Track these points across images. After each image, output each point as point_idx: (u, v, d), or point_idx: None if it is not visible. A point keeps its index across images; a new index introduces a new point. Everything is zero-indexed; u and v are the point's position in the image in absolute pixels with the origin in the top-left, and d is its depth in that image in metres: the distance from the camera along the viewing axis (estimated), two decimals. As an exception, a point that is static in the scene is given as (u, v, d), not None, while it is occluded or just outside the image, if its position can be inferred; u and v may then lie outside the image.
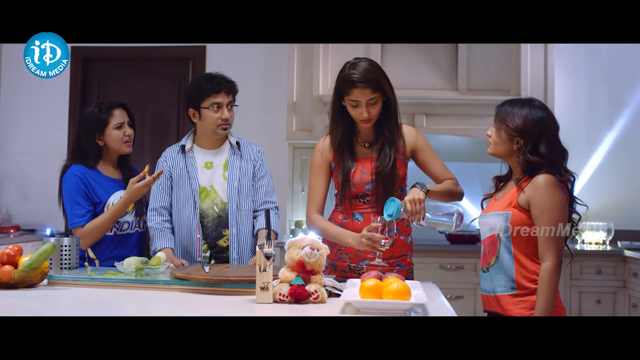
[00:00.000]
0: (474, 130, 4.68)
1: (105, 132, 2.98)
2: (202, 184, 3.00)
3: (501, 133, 2.44)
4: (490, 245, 2.44)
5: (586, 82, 5.04)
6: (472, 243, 4.61)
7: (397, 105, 2.68)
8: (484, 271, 2.48)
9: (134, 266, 2.44)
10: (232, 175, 3.01)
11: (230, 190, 2.99)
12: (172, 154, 3.06)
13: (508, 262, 2.39)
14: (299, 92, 4.81)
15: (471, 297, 4.38)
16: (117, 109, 3.02)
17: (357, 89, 2.54)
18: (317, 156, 2.75)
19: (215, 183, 3.01)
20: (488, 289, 2.45)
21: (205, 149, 3.05)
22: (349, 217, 2.69)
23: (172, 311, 2.06)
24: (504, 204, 2.42)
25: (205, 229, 2.98)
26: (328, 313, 1.94)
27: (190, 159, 3.02)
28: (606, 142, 4.93)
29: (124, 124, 3.00)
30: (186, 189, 2.98)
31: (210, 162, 3.03)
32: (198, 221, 2.95)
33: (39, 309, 2.05)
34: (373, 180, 2.64)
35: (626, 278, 4.31)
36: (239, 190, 3.00)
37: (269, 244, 2.05)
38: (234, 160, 3.03)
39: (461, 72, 4.74)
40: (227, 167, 3.02)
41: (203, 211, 2.98)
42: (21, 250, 2.40)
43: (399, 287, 1.92)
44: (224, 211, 2.99)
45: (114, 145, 3.00)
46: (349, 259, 2.68)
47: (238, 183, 3.00)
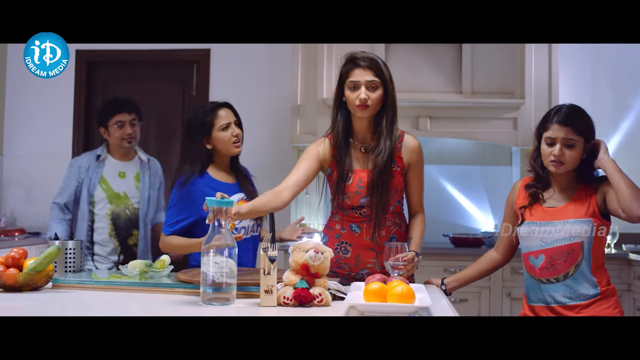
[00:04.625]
0: (478, 133, 4.68)
1: (212, 135, 2.85)
2: (116, 190, 3.65)
3: (579, 146, 2.44)
4: (569, 254, 2.42)
5: (591, 84, 5.04)
6: (476, 246, 4.61)
7: (396, 107, 2.61)
8: (550, 282, 2.46)
9: (138, 269, 2.44)
10: (143, 186, 3.69)
11: (142, 199, 3.68)
12: (87, 162, 3.66)
13: (589, 269, 2.42)
14: (302, 95, 4.82)
15: (475, 300, 4.38)
16: (222, 109, 2.89)
17: (358, 69, 2.53)
18: (312, 148, 2.68)
19: (128, 191, 3.68)
20: (565, 298, 2.44)
21: (117, 160, 3.71)
22: (346, 228, 2.66)
23: (176, 313, 2.06)
24: (579, 211, 2.43)
25: (118, 229, 3.64)
26: (332, 316, 1.94)
27: (104, 167, 3.66)
28: (611, 145, 4.92)
29: (231, 124, 2.86)
30: (98, 193, 3.62)
31: (124, 172, 3.70)
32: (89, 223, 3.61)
33: (44, 311, 2.05)
34: (368, 194, 2.59)
35: (631, 281, 4.29)
36: (148, 199, 3.70)
37: (273, 247, 2.05)
38: (144, 174, 3.72)
39: (465, 74, 4.74)
40: (139, 178, 3.70)
41: (117, 213, 3.64)
42: (26, 253, 2.40)
43: (403, 290, 1.91)
44: (134, 215, 3.66)
45: (222, 147, 2.86)
46: (349, 268, 2.66)
47: (147, 193, 3.70)
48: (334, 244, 2.68)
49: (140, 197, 3.68)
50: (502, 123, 4.69)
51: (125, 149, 3.71)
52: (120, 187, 3.67)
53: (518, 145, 4.68)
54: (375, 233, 2.61)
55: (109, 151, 3.72)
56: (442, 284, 2.66)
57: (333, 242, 2.69)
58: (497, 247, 2.71)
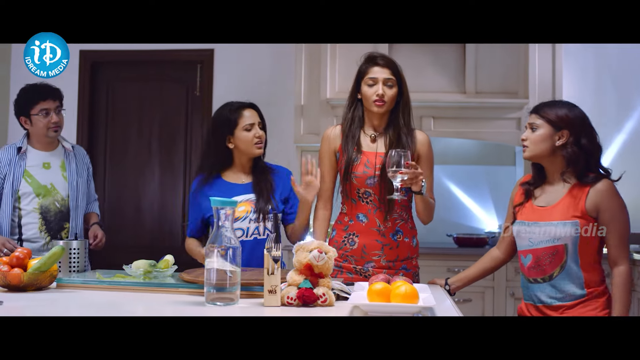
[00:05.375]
0: (482, 133, 4.68)
1: (234, 134, 2.87)
2: (42, 183, 3.39)
3: (542, 129, 2.46)
4: (553, 255, 2.43)
5: (594, 84, 5.03)
6: (479, 246, 4.61)
7: (411, 106, 2.77)
8: (537, 281, 2.47)
9: (142, 269, 2.45)
10: (71, 176, 3.45)
11: (70, 188, 3.44)
12: (7, 155, 3.38)
13: (576, 270, 2.41)
14: (306, 96, 4.82)
15: (479, 300, 4.37)
16: (247, 109, 2.91)
17: (377, 66, 2.70)
18: (324, 145, 2.83)
19: (55, 182, 3.42)
20: (548, 299, 2.45)
21: (40, 150, 3.44)
22: (354, 218, 2.71)
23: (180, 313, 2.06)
24: (565, 212, 2.42)
25: (49, 223, 3.39)
26: (336, 316, 1.94)
27: (27, 159, 3.39)
28: (615, 145, 4.91)
29: (255, 125, 2.87)
30: (23, 187, 3.36)
31: (48, 163, 3.43)
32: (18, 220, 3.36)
33: (48, 312, 2.05)
34: (376, 175, 2.66)
35: (635, 281, 4.29)
36: (77, 188, 3.47)
37: (276, 247, 2.05)
38: (70, 162, 3.47)
39: (469, 75, 4.73)
40: (65, 167, 3.46)
41: (45, 207, 3.38)
42: (30, 253, 2.41)
43: (406, 291, 1.92)
44: (64, 207, 3.42)
45: (244, 147, 2.87)
46: (355, 261, 2.69)
47: (76, 182, 3.47)
48: (341, 237, 2.74)
49: (68, 188, 3.44)
50: (505, 123, 4.69)
51: (49, 139, 3.43)
52: (46, 179, 3.41)
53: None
54: (387, 216, 2.68)
55: (29, 142, 3.45)
56: (445, 284, 2.66)
57: (341, 235, 2.75)
58: (500, 245, 2.72)
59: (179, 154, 5.37)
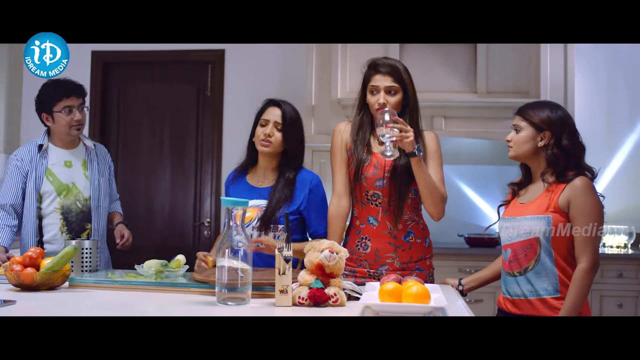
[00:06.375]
0: (493, 133, 4.66)
1: (255, 130, 2.82)
2: (63, 182, 3.28)
3: (525, 131, 2.52)
4: (528, 249, 2.46)
5: (606, 84, 5.00)
6: (491, 246, 4.60)
7: (419, 108, 2.74)
8: (514, 275, 2.50)
9: (154, 269, 2.46)
10: (92, 174, 3.35)
11: (92, 188, 3.33)
12: (28, 154, 3.27)
13: (550, 265, 2.44)
14: (317, 96, 4.82)
15: (491, 301, 4.36)
16: (272, 107, 2.83)
17: (378, 74, 2.68)
18: (336, 138, 2.84)
19: (76, 181, 3.31)
20: (522, 292, 2.48)
21: (61, 148, 3.33)
22: (364, 222, 2.72)
23: (192, 313, 2.07)
24: (540, 207, 2.46)
25: (70, 224, 3.27)
26: (347, 316, 1.94)
27: (48, 157, 3.28)
28: (627, 145, 4.88)
29: (269, 123, 2.77)
30: (45, 187, 3.24)
31: (69, 162, 3.33)
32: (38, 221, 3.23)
33: (60, 312, 2.06)
34: (385, 177, 2.67)
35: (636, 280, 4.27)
36: (99, 187, 3.35)
37: (288, 247, 2.05)
38: (92, 161, 3.37)
39: (480, 74, 4.71)
40: (87, 166, 3.35)
41: (67, 207, 3.27)
42: (43, 253, 2.42)
43: (418, 291, 1.91)
44: (86, 207, 3.31)
45: (257, 144, 2.81)
46: (369, 265, 2.69)
47: (98, 181, 3.35)
48: (354, 242, 2.74)
49: (90, 187, 3.31)
50: (517, 123, 4.66)
51: (72, 137, 3.33)
52: (67, 178, 3.29)
53: (533, 145, 4.65)
54: (397, 218, 2.67)
55: (50, 139, 3.35)
56: (459, 284, 2.67)
57: (354, 240, 2.75)
58: None
59: (190, 154, 5.38)
